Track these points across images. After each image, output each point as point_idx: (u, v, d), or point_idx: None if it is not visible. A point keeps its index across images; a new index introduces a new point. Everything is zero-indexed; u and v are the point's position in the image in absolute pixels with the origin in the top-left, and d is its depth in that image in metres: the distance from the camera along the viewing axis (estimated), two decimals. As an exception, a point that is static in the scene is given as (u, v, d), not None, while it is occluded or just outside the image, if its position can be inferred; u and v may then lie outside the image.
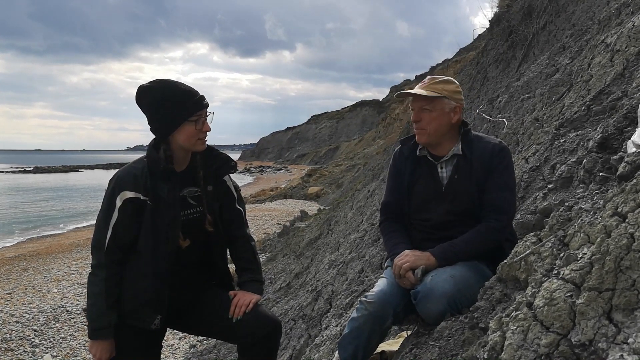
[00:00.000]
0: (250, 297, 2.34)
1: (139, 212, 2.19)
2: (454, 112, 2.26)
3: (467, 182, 2.23)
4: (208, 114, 2.27)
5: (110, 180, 2.25)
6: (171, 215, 2.23)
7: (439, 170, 2.31)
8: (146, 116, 2.25)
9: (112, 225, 2.17)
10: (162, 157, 2.22)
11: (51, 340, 8.97)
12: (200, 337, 8.61)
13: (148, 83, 2.23)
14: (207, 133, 2.28)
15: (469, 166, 2.23)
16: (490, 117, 6.27)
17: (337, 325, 4.84)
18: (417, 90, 2.25)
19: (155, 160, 2.21)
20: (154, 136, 2.28)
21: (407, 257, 2.17)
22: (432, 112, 2.23)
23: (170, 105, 2.18)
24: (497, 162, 2.21)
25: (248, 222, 2.61)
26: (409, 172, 2.38)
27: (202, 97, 2.25)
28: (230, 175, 2.54)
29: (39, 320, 9.83)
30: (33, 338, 9.02)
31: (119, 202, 2.17)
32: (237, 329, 2.29)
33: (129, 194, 2.17)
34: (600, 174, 2.29)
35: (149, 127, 2.27)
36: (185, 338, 8.86)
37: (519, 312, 1.41)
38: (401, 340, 2.40)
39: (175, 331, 8.68)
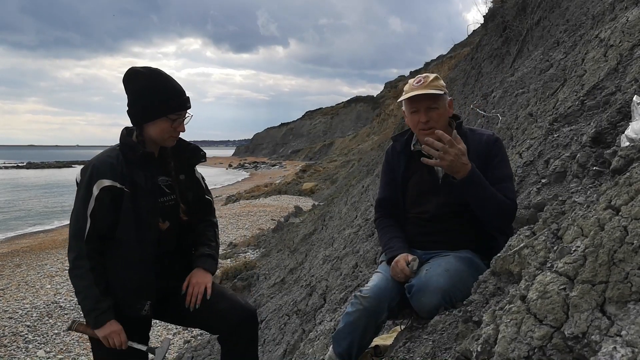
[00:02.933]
0: (202, 282, 2.34)
1: (116, 200, 2.20)
2: (449, 106, 2.31)
3: None
4: (187, 115, 2.32)
5: (84, 169, 2.25)
6: (151, 201, 2.25)
7: None
8: (128, 98, 2.27)
9: (90, 214, 2.18)
10: (136, 142, 2.24)
11: (44, 336, 8.93)
12: (195, 333, 8.61)
13: (141, 68, 2.26)
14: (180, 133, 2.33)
15: None
16: (485, 112, 6.28)
17: (331, 320, 4.84)
18: (426, 90, 2.21)
19: (132, 147, 2.23)
20: (129, 121, 2.30)
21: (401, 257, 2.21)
22: (438, 109, 2.25)
23: (155, 96, 2.21)
24: (494, 153, 2.24)
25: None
26: (403, 166, 2.40)
27: (188, 99, 2.30)
28: (203, 167, 2.58)
29: (32, 316, 9.77)
30: (26, 334, 8.97)
31: (95, 191, 2.17)
32: (211, 318, 2.32)
33: (106, 182, 2.18)
34: (594, 168, 2.29)
35: (127, 109, 2.29)
36: (179, 334, 8.85)
37: (512, 305, 1.41)
38: (395, 334, 2.41)
39: (169, 327, 8.69)
